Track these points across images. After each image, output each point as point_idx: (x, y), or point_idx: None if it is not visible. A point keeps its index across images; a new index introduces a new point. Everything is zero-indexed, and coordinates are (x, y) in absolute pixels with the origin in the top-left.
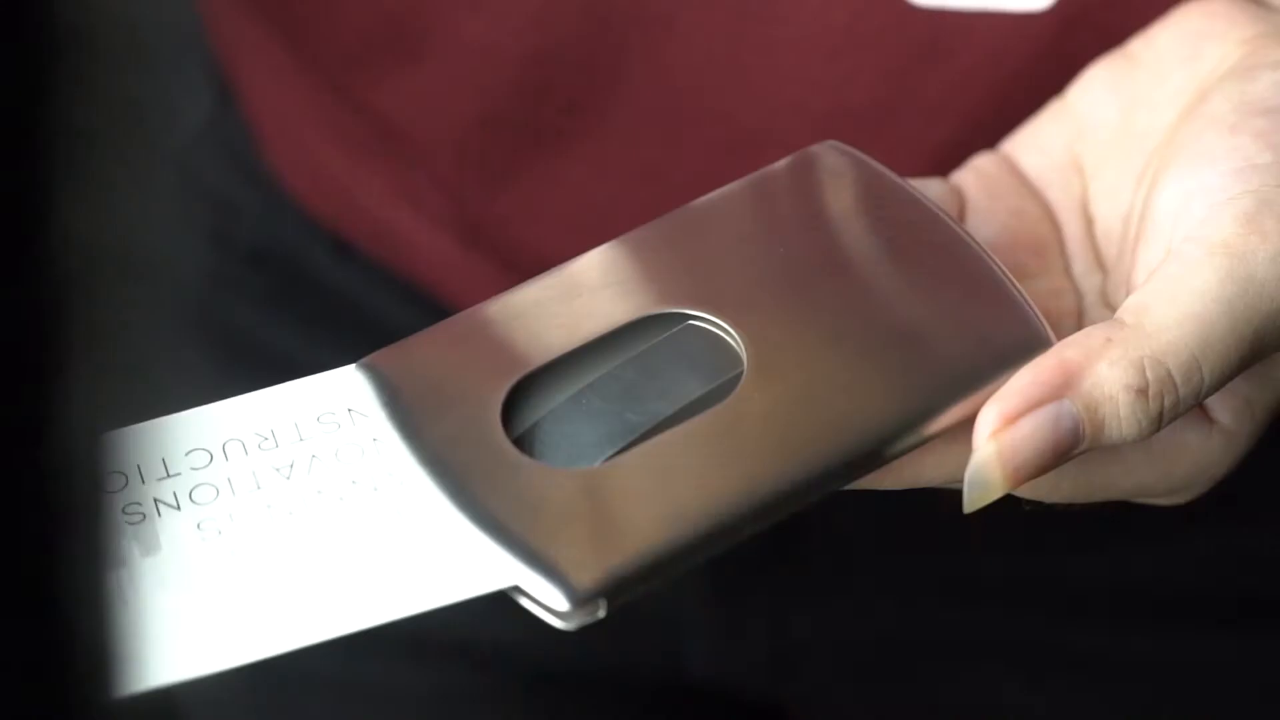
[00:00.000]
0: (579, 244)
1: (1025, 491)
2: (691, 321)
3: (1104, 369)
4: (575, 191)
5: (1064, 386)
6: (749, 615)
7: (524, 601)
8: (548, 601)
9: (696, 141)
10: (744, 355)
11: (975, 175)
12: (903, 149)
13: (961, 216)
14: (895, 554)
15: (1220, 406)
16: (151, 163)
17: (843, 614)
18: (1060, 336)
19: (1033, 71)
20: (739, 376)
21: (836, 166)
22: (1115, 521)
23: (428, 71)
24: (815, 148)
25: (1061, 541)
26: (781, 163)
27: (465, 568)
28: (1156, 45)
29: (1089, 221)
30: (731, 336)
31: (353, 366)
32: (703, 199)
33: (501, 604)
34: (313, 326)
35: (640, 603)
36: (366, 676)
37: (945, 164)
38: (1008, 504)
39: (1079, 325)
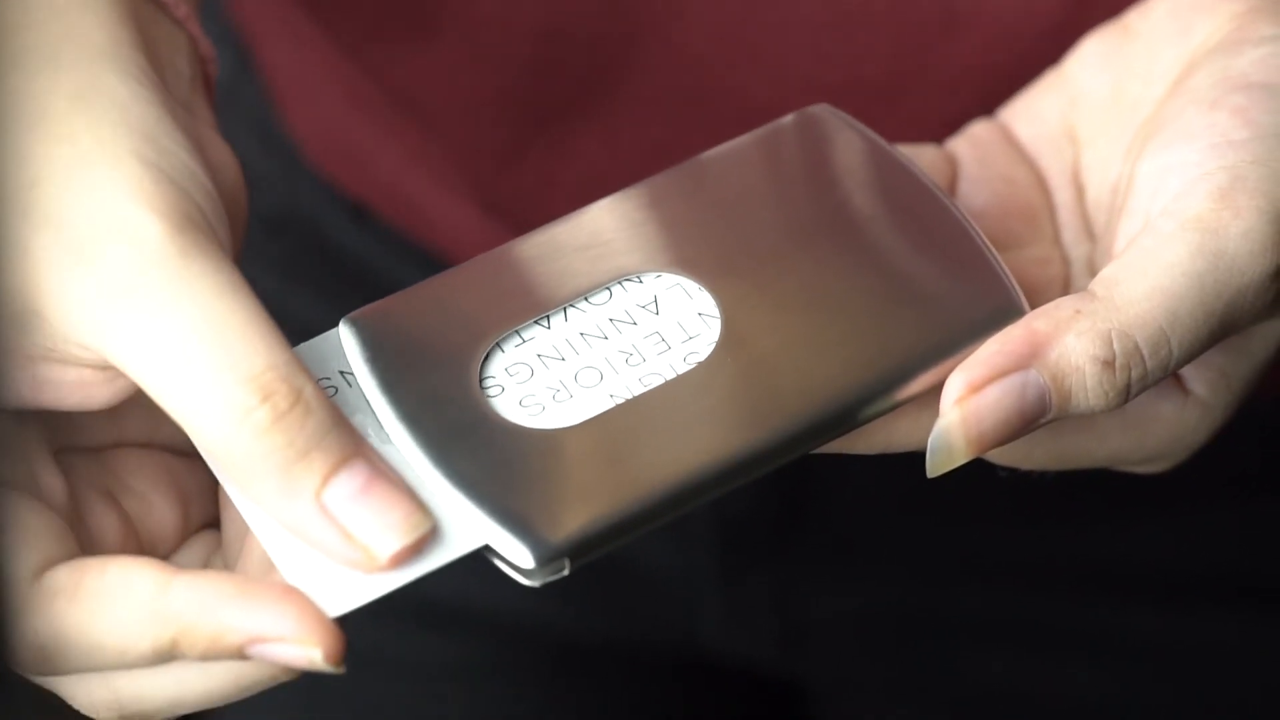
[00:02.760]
0: None
1: (999, 458)
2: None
3: (1071, 340)
4: (588, 165)
5: (1031, 356)
6: (760, 590)
7: (492, 558)
8: (514, 558)
9: (709, 117)
10: (719, 318)
11: (969, 142)
12: (916, 123)
13: (954, 183)
14: (906, 531)
15: (1196, 378)
16: None
17: (853, 589)
18: (1043, 305)
19: (1045, 47)
20: (714, 339)
21: (826, 131)
22: (1127, 500)
23: (443, 43)
24: (806, 112)
25: (1074, 520)
26: (770, 126)
27: (442, 530)
28: (1151, 17)
29: (1080, 190)
30: (708, 299)
31: (340, 323)
32: (689, 161)
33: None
34: (330, 292)
35: (654, 577)
36: (381, 646)
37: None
38: (991, 478)
39: (1065, 293)
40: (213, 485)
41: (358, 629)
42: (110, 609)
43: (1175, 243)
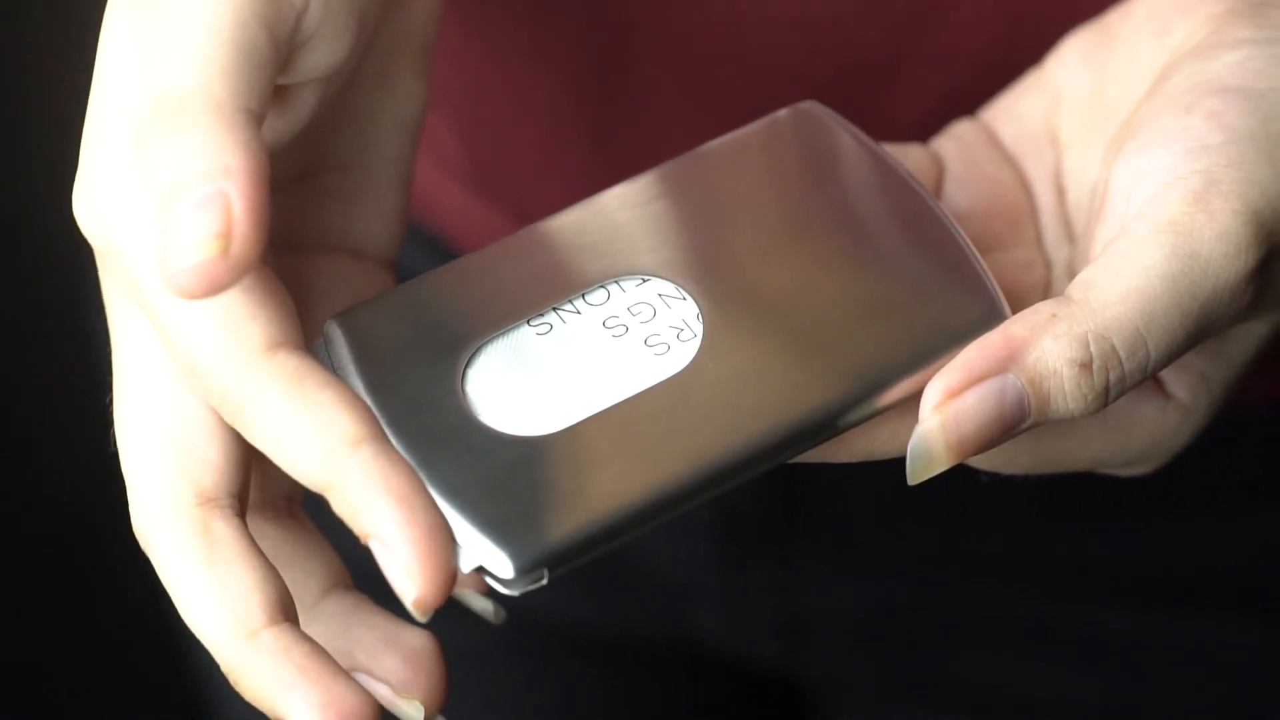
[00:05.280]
0: None
1: (982, 463)
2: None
3: (1048, 344)
4: (581, 157)
5: (1008, 361)
6: (760, 585)
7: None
8: (493, 568)
9: (701, 111)
10: (701, 324)
11: (955, 143)
12: (910, 100)
13: (940, 183)
14: (907, 529)
15: (1176, 381)
16: None
17: (852, 587)
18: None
19: (1039, 13)
20: (696, 345)
21: (813, 130)
22: (1129, 504)
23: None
24: (795, 109)
25: (1076, 520)
26: (758, 124)
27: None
28: (1131, 18)
29: (1061, 193)
30: (691, 305)
31: (327, 323)
32: (670, 162)
33: None
34: None
35: (653, 570)
36: None
37: (953, 111)
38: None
39: (1047, 297)
40: None
41: None
42: (305, 422)
43: (1150, 245)
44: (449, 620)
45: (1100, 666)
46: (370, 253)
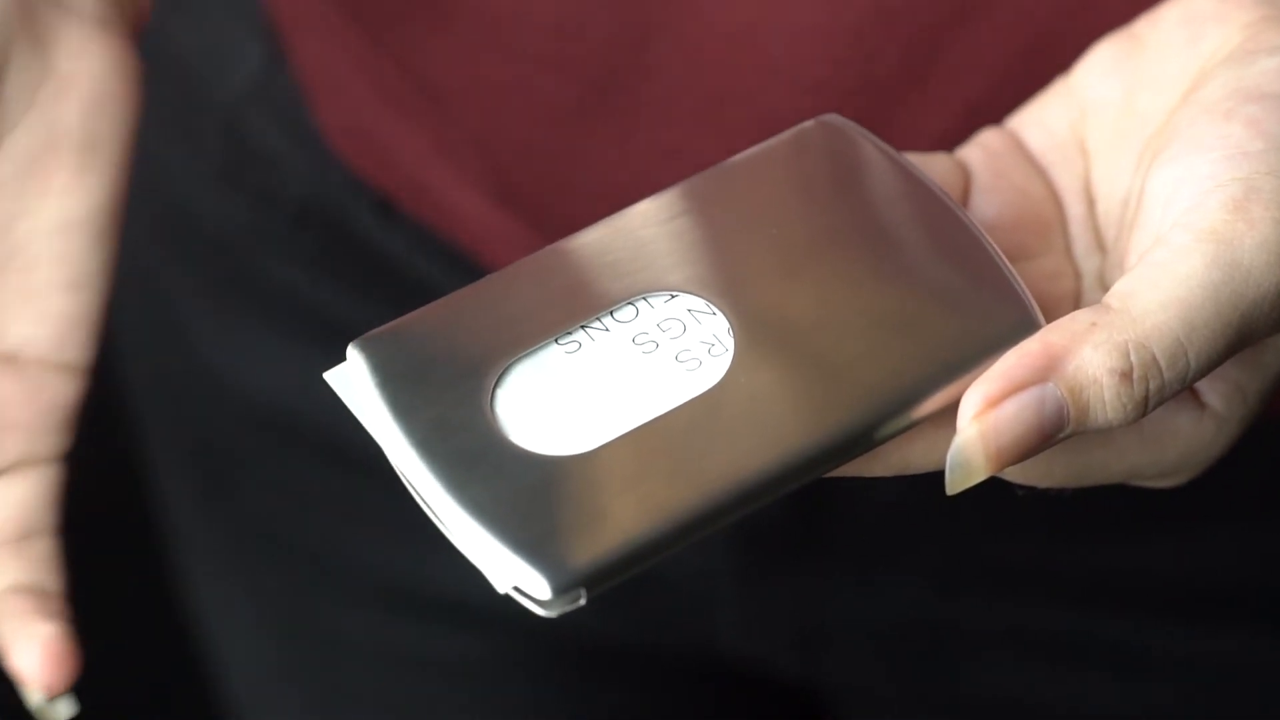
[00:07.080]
0: (608, 213)
1: (1016, 475)
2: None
3: (1088, 353)
4: (602, 166)
5: (1048, 369)
6: (780, 596)
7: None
8: (529, 590)
9: (721, 120)
10: (733, 339)
11: (982, 152)
12: (934, 111)
13: (967, 193)
14: (928, 541)
15: (1211, 391)
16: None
17: (872, 598)
18: (1057, 319)
19: (1065, 25)
20: (728, 361)
21: (834, 142)
22: (1152, 516)
23: (460, 33)
24: (818, 121)
25: (1099, 533)
26: (782, 137)
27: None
28: (1161, 26)
29: (1091, 203)
30: (721, 320)
31: (350, 347)
32: (696, 176)
33: None
34: (355, 286)
35: (673, 579)
36: (401, 642)
37: (978, 122)
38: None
39: (1076, 308)
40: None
41: (373, 623)
42: None
43: (1190, 254)
44: (466, 631)
45: (1125, 679)
46: (33, 355)
